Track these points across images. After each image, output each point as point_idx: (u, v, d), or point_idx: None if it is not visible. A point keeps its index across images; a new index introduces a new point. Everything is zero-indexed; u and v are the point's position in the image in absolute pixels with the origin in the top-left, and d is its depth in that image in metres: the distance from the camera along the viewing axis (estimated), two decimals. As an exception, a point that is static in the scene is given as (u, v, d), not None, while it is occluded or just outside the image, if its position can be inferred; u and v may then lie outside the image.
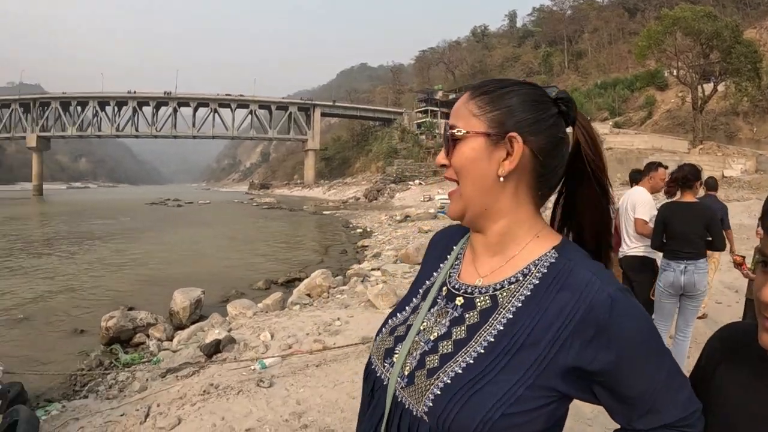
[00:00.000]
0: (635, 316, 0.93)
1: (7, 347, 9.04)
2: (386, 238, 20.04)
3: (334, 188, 71.51)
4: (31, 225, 38.05)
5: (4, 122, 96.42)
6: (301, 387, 4.98)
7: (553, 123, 1.01)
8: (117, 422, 4.89)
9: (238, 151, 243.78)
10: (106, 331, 9.04)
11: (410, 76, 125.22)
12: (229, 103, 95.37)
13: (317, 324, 6.84)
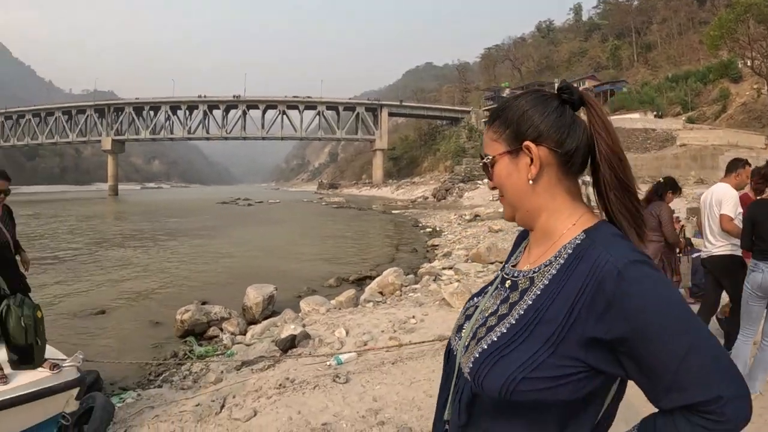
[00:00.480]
0: (646, 285, 0.96)
1: (85, 337, 9.34)
2: (456, 238, 19.81)
3: (403, 188, 71.50)
4: (108, 223, 39.53)
5: (81, 127, 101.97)
6: (377, 384, 4.89)
7: (557, 114, 1.12)
8: (192, 412, 4.92)
9: (307, 151, 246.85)
10: (181, 323, 9.20)
11: (476, 74, 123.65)
12: (296, 104, 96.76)
13: (392, 321, 6.75)
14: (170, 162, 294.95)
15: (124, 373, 7.40)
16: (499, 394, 1.01)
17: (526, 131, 1.11)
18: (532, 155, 1.10)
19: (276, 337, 7.04)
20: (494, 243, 12.48)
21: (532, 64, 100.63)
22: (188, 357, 8.03)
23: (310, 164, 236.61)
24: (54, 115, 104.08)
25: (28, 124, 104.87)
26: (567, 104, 1.13)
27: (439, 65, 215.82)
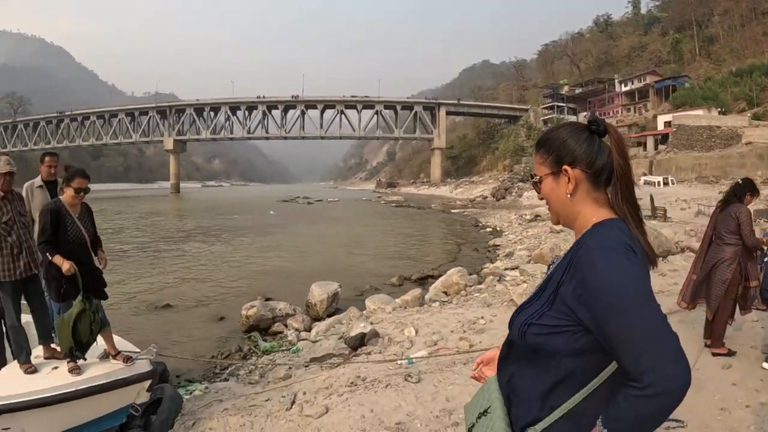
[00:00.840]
0: (604, 269, 1.29)
1: (151, 330, 9.55)
2: (517, 238, 19.53)
3: (461, 187, 70.89)
4: (172, 219, 40.55)
5: (143, 128, 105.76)
6: (450, 384, 4.81)
7: (587, 143, 1.49)
8: (261, 406, 4.95)
9: (365, 150, 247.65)
10: (246, 319, 9.31)
11: (533, 72, 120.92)
12: (354, 104, 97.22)
13: (461, 322, 6.65)
14: (230, 161, 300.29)
15: (190, 366, 7.52)
16: (518, 336, 1.44)
17: (565, 157, 1.50)
18: (569, 176, 1.49)
19: (343, 335, 7.03)
20: (557, 243, 12.21)
21: (590, 59, 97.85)
22: (253, 352, 8.11)
23: (367, 163, 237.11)
24: (118, 117, 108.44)
25: (92, 126, 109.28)
26: (595, 134, 1.51)
27: (495, 63, 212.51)
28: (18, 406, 4.23)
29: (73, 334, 4.31)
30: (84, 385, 4.33)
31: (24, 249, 4.90)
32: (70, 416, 4.42)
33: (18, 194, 5.17)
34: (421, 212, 41.15)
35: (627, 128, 63.89)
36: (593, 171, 1.48)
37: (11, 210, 4.89)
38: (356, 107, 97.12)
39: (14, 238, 4.84)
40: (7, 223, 4.82)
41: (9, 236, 4.82)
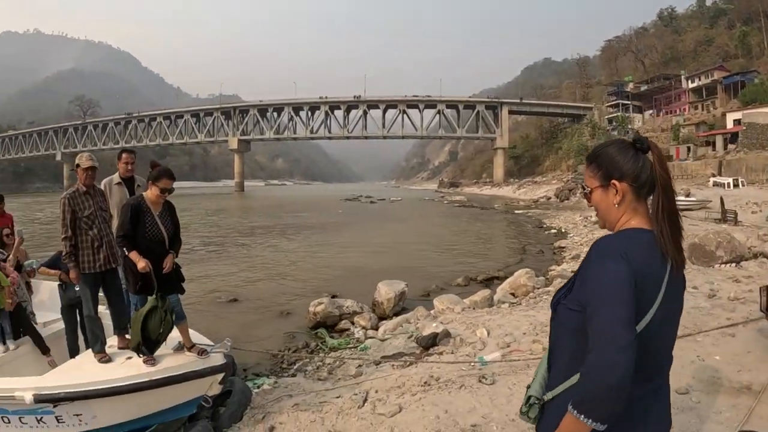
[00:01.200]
0: (595, 271, 1.62)
1: (219, 324, 9.73)
2: (583, 240, 19.15)
3: (524, 187, 69.82)
4: (237, 216, 41.34)
5: (208, 128, 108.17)
6: (525, 387, 4.74)
7: (633, 160, 1.73)
8: (332, 403, 4.96)
9: (427, 150, 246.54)
10: (313, 315, 9.39)
11: (597, 69, 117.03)
12: (417, 103, 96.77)
13: (533, 324, 6.54)
14: (293, 160, 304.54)
15: (257, 360, 7.64)
16: (553, 310, 1.82)
17: (612, 172, 1.75)
18: (617, 189, 1.73)
19: (412, 334, 7.01)
20: (624, 246, 11.87)
21: (655, 55, 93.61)
22: (320, 348, 8.18)
23: (430, 163, 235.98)
24: (183, 118, 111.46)
25: (159, 126, 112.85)
26: (639, 151, 1.75)
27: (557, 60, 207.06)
28: (90, 394, 4.37)
29: (143, 330, 4.41)
30: (157, 376, 4.42)
31: (104, 243, 5.03)
32: (142, 405, 4.53)
33: (99, 190, 5.31)
34: (484, 213, 40.81)
35: (695, 127, 61.40)
36: (638, 184, 1.73)
37: (93, 204, 5.03)
38: (418, 107, 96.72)
39: (95, 231, 4.97)
40: (89, 217, 4.96)
41: (90, 230, 4.95)
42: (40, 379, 4.70)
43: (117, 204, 5.57)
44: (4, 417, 4.66)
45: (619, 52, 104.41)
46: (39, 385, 4.49)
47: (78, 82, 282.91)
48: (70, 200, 4.94)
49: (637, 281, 1.57)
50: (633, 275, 1.57)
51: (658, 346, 1.69)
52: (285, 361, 7.71)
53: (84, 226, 4.95)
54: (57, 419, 4.52)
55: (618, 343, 1.48)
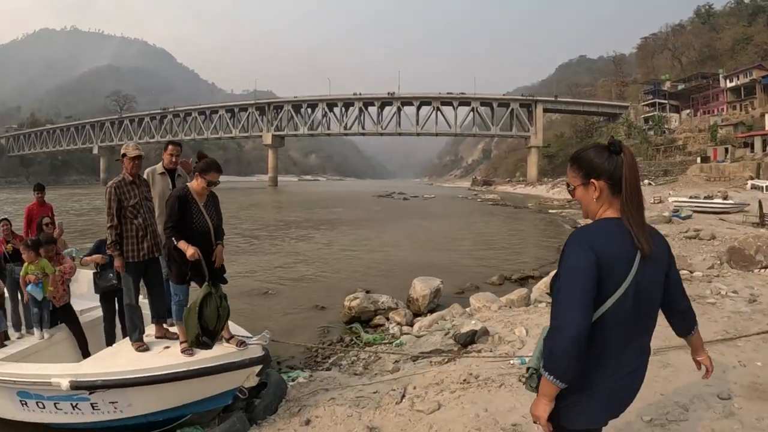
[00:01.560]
0: (565, 253, 2.04)
1: (253, 316, 9.82)
2: (617, 242, 18.84)
3: (558, 186, 68.50)
4: (270, 211, 41.68)
5: (243, 123, 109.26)
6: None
7: (609, 161, 2.08)
8: (370, 398, 4.95)
9: (460, 147, 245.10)
10: (348, 310, 9.41)
11: (633, 67, 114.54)
12: (451, 101, 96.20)
13: (571, 323, 6.46)
14: (326, 156, 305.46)
15: (291, 353, 7.70)
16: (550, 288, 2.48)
17: (591, 172, 2.12)
18: (596, 186, 2.11)
19: (449, 331, 6.97)
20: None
21: (692, 53, 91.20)
22: (355, 343, 8.17)
23: (463, 160, 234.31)
24: (218, 113, 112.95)
25: (194, 121, 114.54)
26: (614, 153, 2.09)
27: (593, 58, 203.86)
28: (127, 382, 4.41)
29: (199, 320, 4.41)
30: (194, 366, 4.45)
31: (149, 232, 5.10)
32: (178, 395, 4.57)
33: (144, 179, 5.38)
34: (517, 211, 40.50)
35: (733, 127, 59.98)
36: (612, 182, 2.09)
37: (139, 194, 5.09)
38: (452, 104, 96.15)
39: (140, 221, 5.03)
40: (134, 207, 5.01)
41: (135, 219, 5.01)
42: (77, 366, 4.80)
43: (159, 194, 5.64)
44: (39, 402, 4.73)
45: (655, 49, 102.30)
46: (76, 372, 4.56)
47: (114, 78, 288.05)
48: (116, 189, 4.99)
49: (603, 265, 1.96)
50: (596, 262, 1.95)
51: (634, 313, 2.03)
52: (320, 354, 7.74)
53: (129, 215, 5.00)
54: (92, 406, 4.59)
55: (569, 318, 1.93)
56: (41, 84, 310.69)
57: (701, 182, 43.67)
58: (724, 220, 23.61)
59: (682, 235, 16.82)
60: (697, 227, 18.01)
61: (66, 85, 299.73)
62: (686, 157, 56.92)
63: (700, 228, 17.60)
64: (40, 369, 4.74)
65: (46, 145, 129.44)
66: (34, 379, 4.62)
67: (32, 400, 4.75)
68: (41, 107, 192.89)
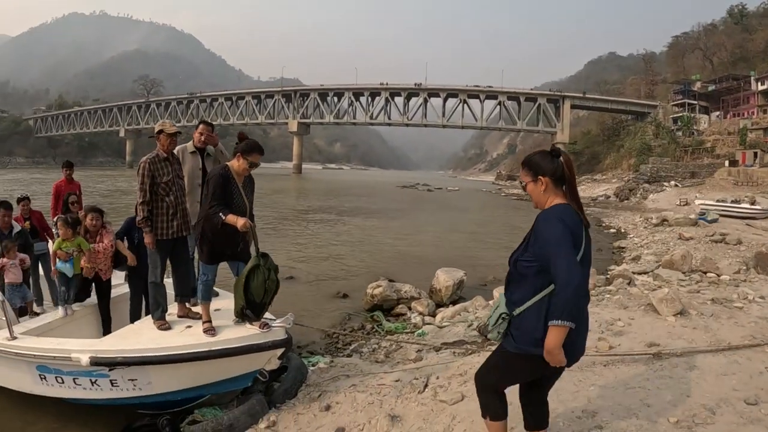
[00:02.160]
0: (543, 225, 2.70)
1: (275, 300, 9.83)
2: (643, 242, 18.64)
3: (583, 184, 67.78)
4: (293, 197, 41.96)
5: (269, 110, 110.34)
6: (590, 385, 4.59)
7: (552, 163, 2.82)
8: (391, 386, 4.94)
9: (485, 141, 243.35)
10: (371, 298, 9.44)
11: (663, 66, 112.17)
12: (478, 94, 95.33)
13: (597, 321, 6.35)
14: (351, 145, 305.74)
15: (312, 338, 7.75)
16: (512, 267, 2.89)
17: (539, 171, 2.84)
18: (542, 181, 2.82)
19: (472, 323, 6.94)
20: (689, 252, 11.47)
21: (724, 54, 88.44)
22: (376, 331, 8.19)
23: (487, 154, 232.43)
24: (244, 99, 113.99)
25: (220, 107, 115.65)
26: (555, 156, 2.84)
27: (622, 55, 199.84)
28: (147, 360, 4.44)
29: (245, 292, 4.42)
30: (216, 347, 4.47)
31: (179, 210, 5.10)
32: (198, 375, 4.59)
33: (177, 158, 5.37)
34: (541, 208, 40.01)
35: (763, 131, 58.72)
36: (555, 178, 2.82)
37: (171, 171, 5.09)
38: (479, 97, 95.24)
39: (171, 198, 5.03)
40: (167, 184, 5.00)
41: (167, 196, 5.00)
42: (98, 342, 4.85)
43: (189, 172, 5.66)
44: (58, 377, 4.77)
45: (686, 49, 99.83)
46: (96, 348, 4.60)
47: (142, 63, 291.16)
48: (150, 165, 4.97)
49: (572, 233, 2.66)
50: (569, 230, 2.66)
51: (587, 267, 2.78)
52: (340, 341, 7.81)
53: (161, 192, 4.99)
54: (111, 383, 4.61)
55: (573, 268, 2.55)
56: (70, 67, 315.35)
57: (729, 186, 42.96)
58: (750, 225, 23.25)
59: (708, 238, 16.58)
60: (724, 231, 17.74)
61: (94, 69, 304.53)
62: (714, 159, 55.91)
63: (727, 232, 17.33)
64: (61, 344, 4.78)
65: (74, 127, 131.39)
66: (54, 354, 4.65)
67: (51, 374, 4.79)
68: (69, 90, 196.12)
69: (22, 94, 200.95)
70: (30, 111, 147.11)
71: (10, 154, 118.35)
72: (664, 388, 4.52)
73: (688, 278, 9.74)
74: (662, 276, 9.71)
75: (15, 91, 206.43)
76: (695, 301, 7.33)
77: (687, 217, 22.93)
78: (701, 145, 63.66)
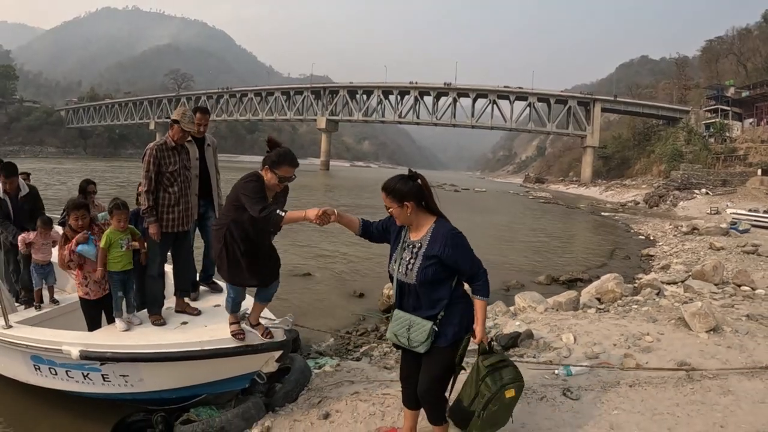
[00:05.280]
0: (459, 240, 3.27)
1: (288, 296, 9.66)
2: (673, 250, 18.04)
3: (612, 189, 66.94)
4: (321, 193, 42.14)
5: (298, 107, 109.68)
6: (614, 409, 4.19)
7: (412, 186, 3.28)
8: (396, 396, 4.54)
9: (514, 143, 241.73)
10: (387, 299, 9.22)
11: (696, 70, 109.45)
12: (507, 95, 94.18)
13: (624, 335, 5.93)
14: (379, 143, 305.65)
15: (323, 338, 7.51)
16: (420, 280, 3.25)
17: (402, 197, 3.25)
18: (407, 206, 3.26)
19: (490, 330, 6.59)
20: (720, 263, 10.93)
21: (758, 59, 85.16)
22: (390, 334, 7.87)
23: (516, 156, 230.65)
24: (274, 95, 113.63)
25: (250, 102, 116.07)
26: (414, 179, 3.32)
27: (655, 59, 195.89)
28: (137, 357, 4.31)
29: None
30: (208, 347, 4.27)
31: (182, 202, 4.89)
32: (190, 374, 4.43)
33: (186, 148, 5.11)
34: (569, 212, 39.47)
35: (796, 141, 57.33)
36: (417, 200, 3.27)
37: (178, 161, 4.87)
38: (509, 98, 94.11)
39: (175, 189, 4.82)
40: (172, 174, 4.80)
41: (171, 187, 4.80)
42: (90, 335, 4.71)
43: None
44: (51, 368, 4.69)
45: (720, 53, 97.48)
46: (87, 341, 4.47)
47: (173, 57, 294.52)
48: (156, 152, 4.75)
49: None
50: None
51: None
52: (351, 343, 7.53)
53: (165, 182, 4.78)
54: (103, 377, 4.50)
55: (480, 263, 3.33)
56: (102, 60, 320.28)
57: (761, 195, 41.85)
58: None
59: (740, 249, 15.96)
60: (756, 242, 17.06)
61: (126, 62, 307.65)
62: (746, 168, 54.48)
63: (759, 243, 16.66)
64: (53, 335, 4.67)
65: (104, 119, 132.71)
66: (46, 345, 4.56)
67: (45, 365, 4.71)
68: (101, 83, 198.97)
69: (54, 86, 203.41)
70: (62, 102, 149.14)
71: (41, 144, 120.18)
72: (695, 415, 4.13)
73: (721, 291, 9.27)
74: (693, 287, 9.22)
75: (47, 83, 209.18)
76: (729, 317, 6.86)
77: (718, 226, 22.25)
78: (733, 152, 62.23)
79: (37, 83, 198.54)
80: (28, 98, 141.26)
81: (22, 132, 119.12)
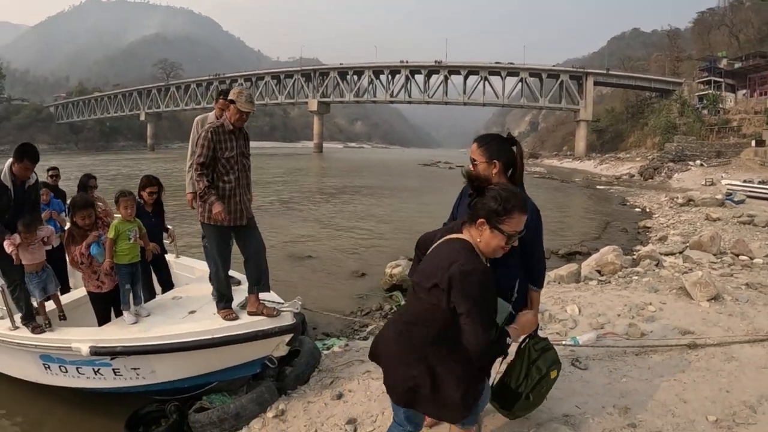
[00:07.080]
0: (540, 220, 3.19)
1: (292, 280, 9.75)
2: (669, 222, 18.12)
3: (606, 162, 66.78)
4: (315, 176, 41.99)
5: (288, 90, 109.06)
6: (622, 377, 4.27)
7: (507, 149, 3.04)
8: (407, 373, 4.64)
9: (507, 119, 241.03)
10: (389, 277, 9.23)
11: (688, 42, 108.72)
12: (499, 71, 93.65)
13: (627, 306, 6.01)
14: (372, 123, 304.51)
15: (328, 319, 7.55)
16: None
17: (494, 154, 3.00)
18: (495, 165, 2.98)
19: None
20: (717, 233, 11.01)
21: (751, 31, 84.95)
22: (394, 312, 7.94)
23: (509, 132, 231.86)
24: (264, 80, 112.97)
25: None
26: (511, 143, 3.08)
27: (646, 31, 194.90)
28: (147, 349, 4.30)
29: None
30: (218, 335, 4.28)
31: (238, 193, 4.44)
32: (201, 363, 4.43)
33: (246, 133, 4.56)
34: (564, 186, 39.42)
35: (791, 111, 57.14)
36: (506, 164, 3.02)
37: (236, 147, 4.39)
38: (500, 74, 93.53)
39: (231, 178, 4.38)
40: (228, 161, 4.34)
41: (226, 175, 4.35)
42: (98, 330, 4.67)
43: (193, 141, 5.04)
44: (61, 366, 4.66)
45: (712, 25, 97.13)
46: (96, 337, 4.43)
47: (161, 47, 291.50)
48: (213, 134, 4.28)
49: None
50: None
51: None
52: (357, 323, 7.57)
53: (221, 170, 4.33)
54: (114, 372, 4.49)
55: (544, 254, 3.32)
56: (89, 54, 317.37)
57: (755, 167, 41.85)
58: (774, 205, 22.60)
59: (736, 220, 16.06)
60: (751, 213, 17.15)
61: (114, 55, 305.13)
62: (740, 139, 54.35)
63: (755, 214, 16.75)
64: (61, 333, 4.65)
65: (94, 113, 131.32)
66: (55, 343, 4.53)
67: (55, 364, 4.68)
68: (90, 77, 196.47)
69: (42, 83, 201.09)
70: (51, 99, 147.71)
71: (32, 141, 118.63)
72: (701, 381, 4.20)
73: (720, 261, 9.34)
74: (692, 258, 9.30)
75: (35, 80, 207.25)
76: (729, 286, 6.96)
77: (714, 197, 22.31)
78: (727, 123, 62.19)
79: (24, 81, 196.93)
80: (16, 96, 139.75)
81: (12, 131, 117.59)
